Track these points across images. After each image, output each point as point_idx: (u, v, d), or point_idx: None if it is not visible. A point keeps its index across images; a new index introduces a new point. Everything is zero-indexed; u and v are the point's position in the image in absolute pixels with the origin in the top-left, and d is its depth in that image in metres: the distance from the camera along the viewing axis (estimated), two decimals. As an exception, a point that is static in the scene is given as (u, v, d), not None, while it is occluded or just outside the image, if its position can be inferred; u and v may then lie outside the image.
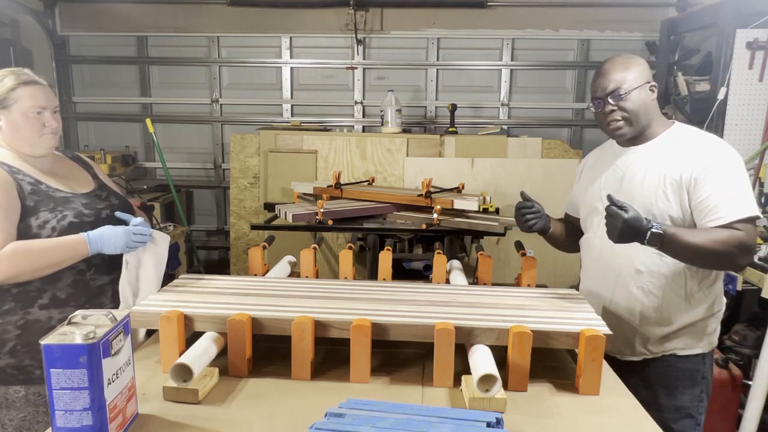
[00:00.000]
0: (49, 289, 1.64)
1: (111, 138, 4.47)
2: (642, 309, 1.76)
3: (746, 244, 1.59)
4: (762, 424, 2.45)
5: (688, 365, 1.77)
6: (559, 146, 3.71)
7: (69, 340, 1.05)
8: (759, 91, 3.09)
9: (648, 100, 1.71)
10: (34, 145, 1.67)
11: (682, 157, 1.67)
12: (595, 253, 1.86)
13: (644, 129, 1.74)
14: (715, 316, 1.78)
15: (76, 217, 1.65)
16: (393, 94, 3.82)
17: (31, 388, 1.65)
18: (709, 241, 1.57)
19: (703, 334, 1.77)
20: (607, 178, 1.83)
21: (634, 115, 1.70)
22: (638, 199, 1.68)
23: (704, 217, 1.62)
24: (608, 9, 4.16)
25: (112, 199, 1.82)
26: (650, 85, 1.71)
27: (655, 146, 1.75)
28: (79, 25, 4.33)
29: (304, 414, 1.22)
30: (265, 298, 1.61)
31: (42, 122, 1.65)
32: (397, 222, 2.83)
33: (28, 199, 1.61)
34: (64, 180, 1.74)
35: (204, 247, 4.62)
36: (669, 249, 1.60)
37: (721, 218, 1.59)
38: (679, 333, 1.75)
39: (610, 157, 1.86)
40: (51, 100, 1.68)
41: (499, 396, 1.26)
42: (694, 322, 1.74)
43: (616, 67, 1.71)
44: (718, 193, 1.60)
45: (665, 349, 1.77)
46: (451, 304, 1.61)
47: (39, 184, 1.65)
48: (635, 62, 1.73)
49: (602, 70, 1.74)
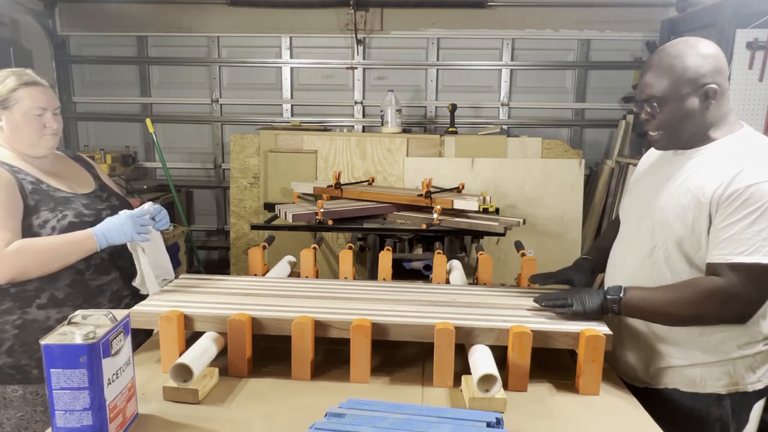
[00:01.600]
0: (48, 289, 1.63)
1: (111, 138, 4.47)
2: (647, 332, 1.54)
3: (728, 296, 1.33)
4: (762, 424, 2.45)
5: (696, 404, 1.49)
6: (559, 146, 3.71)
7: (69, 340, 1.05)
8: (759, 91, 3.09)
9: (692, 110, 1.40)
10: (35, 145, 1.67)
11: (719, 173, 1.37)
12: (610, 264, 1.69)
13: (691, 138, 1.45)
14: (742, 357, 1.45)
15: (76, 217, 1.66)
16: (393, 94, 3.83)
17: (29, 387, 1.64)
18: (678, 300, 1.38)
19: (720, 372, 1.46)
20: (648, 184, 1.58)
21: (672, 127, 1.43)
22: (660, 214, 1.47)
23: (715, 248, 1.36)
24: (608, 9, 4.16)
25: (112, 200, 1.82)
26: (704, 90, 1.38)
27: (705, 154, 1.45)
28: (79, 25, 4.33)
29: (304, 414, 1.22)
30: (265, 298, 1.61)
31: (42, 123, 1.66)
32: (397, 222, 2.83)
33: (29, 199, 1.61)
34: (65, 180, 1.74)
35: (204, 247, 4.62)
36: (635, 313, 1.46)
37: (716, 255, 1.35)
38: (688, 368, 1.48)
39: (663, 158, 1.58)
40: (52, 102, 1.69)
41: (499, 396, 1.26)
42: (711, 361, 1.46)
43: (661, 66, 1.41)
44: (745, 226, 1.31)
45: (667, 383, 1.52)
46: (451, 304, 1.61)
47: (40, 183, 1.66)
48: (683, 62, 1.39)
49: (646, 66, 1.45)
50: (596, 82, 4.31)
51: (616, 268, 1.64)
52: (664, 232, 1.46)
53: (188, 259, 4.17)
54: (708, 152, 1.45)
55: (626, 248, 1.62)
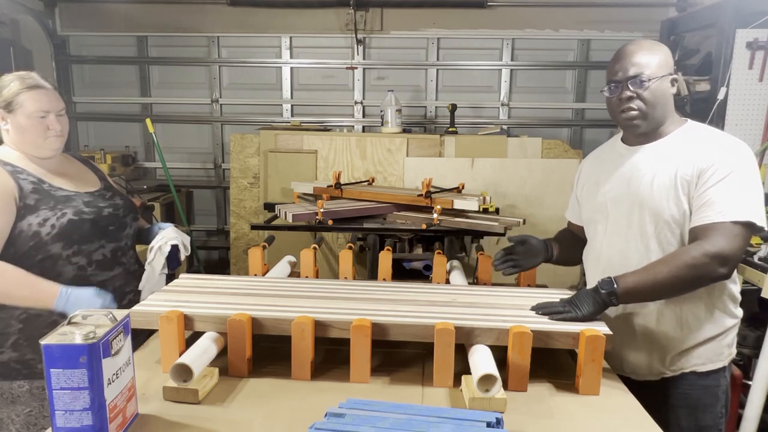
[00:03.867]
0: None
1: (111, 138, 4.47)
2: (658, 322, 1.60)
3: (722, 255, 1.44)
4: (762, 424, 2.45)
5: (709, 382, 1.62)
6: (559, 146, 3.71)
7: (69, 340, 1.05)
8: (759, 91, 3.09)
9: (668, 93, 1.57)
10: (40, 147, 1.71)
11: (694, 155, 1.52)
12: (603, 263, 1.70)
13: (658, 125, 1.59)
14: (735, 326, 1.64)
15: (76, 215, 1.69)
16: (393, 94, 3.82)
17: (35, 382, 1.67)
18: (671, 273, 1.45)
19: (722, 345, 1.62)
20: (612, 181, 1.67)
21: (651, 106, 1.55)
22: (648, 202, 1.57)
23: (695, 214, 1.50)
24: (608, 9, 4.16)
25: (116, 199, 1.85)
26: (672, 77, 1.56)
27: (665, 145, 1.59)
28: (79, 25, 4.33)
29: (304, 414, 1.22)
30: (265, 298, 1.61)
31: (46, 125, 1.69)
32: (397, 222, 2.83)
33: (28, 198, 1.64)
34: (70, 179, 1.78)
35: (204, 247, 4.62)
36: (633, 298, 1.52)
37: (706, 217, 1.47)
38: (699, 347, 1.60)
39: (614, 157, 1.70)
40: (55, 104, 1.72)
41: (499, 396, 1.26)
42: (716, 334, 1.60)
43: (642, 50, 1.55)
44: (717, 191, 1.47)
45: (684, 367, 1.62)
46: (451, 304, 1.60)
47: (41, 183, 1.69)
48: (661, 49, 1.57)
49: (624, 52, 1.56)
50: (596, 82, 4.31)
51: (611, 267, 1.64)
52: (660, 220, 1.56)
53: (188, 259, 4.15)
54: (672, 141, 1.60)
55: (618, 241, 1.65)
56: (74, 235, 1.68)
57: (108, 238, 1.77)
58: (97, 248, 1.74)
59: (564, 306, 1.50)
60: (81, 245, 1.70)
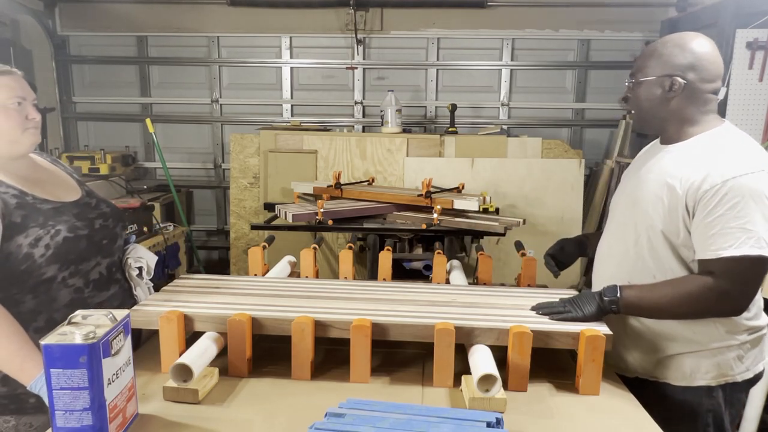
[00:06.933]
0: (45, 311, 1.48)
1: (111, 138, 4.47)
2: (644, 321, 1.54)
3: (723, 291, 1.37)
4: (762, 424, 2.45)
5: (687, 397, 1.52)
6: (559, 146, 3.71)
7: (69, 340, 1.05)
8: (759, 91, 3.09)
9: (659, 96, 1.47)
10: (16, 142, 1.47)
11: (695, 166, 1.41)
12: (599, 255, 1.70)
13: (658, 126, 1.54)
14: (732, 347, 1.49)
15: (70, 231, 1.49)
16: (393, 94, 3.82)
17: (23, 418, 1.49)
18: (675, 298, 1.42)
19: (714, 361, 1.49)
20: (633, 178, 1.62)
21: (637, 108, 1.53)
22: (641, 204, 1.52)
23: (704, 242, 1.40)
24: (608, 9, 4.16)
25: (102, 207, 1.66)
26: (671, 80, 1.45)
27: (683, 149, 1.49)
28: (79, 25, 4.33)
29: (304, 414, 1.22)
30: (265, 298, 1.61)
31: (24, 115, 1.47)
32: (397, 222, 2.83)
33: (14, 215, 1.42)
34: (48, 187, 1.55)
35: (204, 247, 4.62)
36: (634, 311, 1.49)
37: (715, 249, 1.37)
38: (675, 359, 1.51)
39: (648, 155, 1.62)
40: (29, 91, 1.50)
41: (499, 396, 1.26)
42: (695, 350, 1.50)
43: (649, 49, 1.52)
44: (726, 221, 1.35)
45: (657, 376, 1.55)
46: (451, 304, 1.61)
47: (24, 195, 1.46)
48: (664, 49, 1.47)
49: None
50: (596, 82, 4.31)
51: (602, 261, 1.68)
52: (645, 222, 1.50)
53: (188, 259, 4.17)
54: (685, 147, 1.49)
55: (612, 241, 1.65)
56: (71, 254, 1.48)
57: (103, 253, 1.59)
58: (93, 266, 1.55)
59: (564, 306, 1.50)
60: (78, 265, 1.51)
